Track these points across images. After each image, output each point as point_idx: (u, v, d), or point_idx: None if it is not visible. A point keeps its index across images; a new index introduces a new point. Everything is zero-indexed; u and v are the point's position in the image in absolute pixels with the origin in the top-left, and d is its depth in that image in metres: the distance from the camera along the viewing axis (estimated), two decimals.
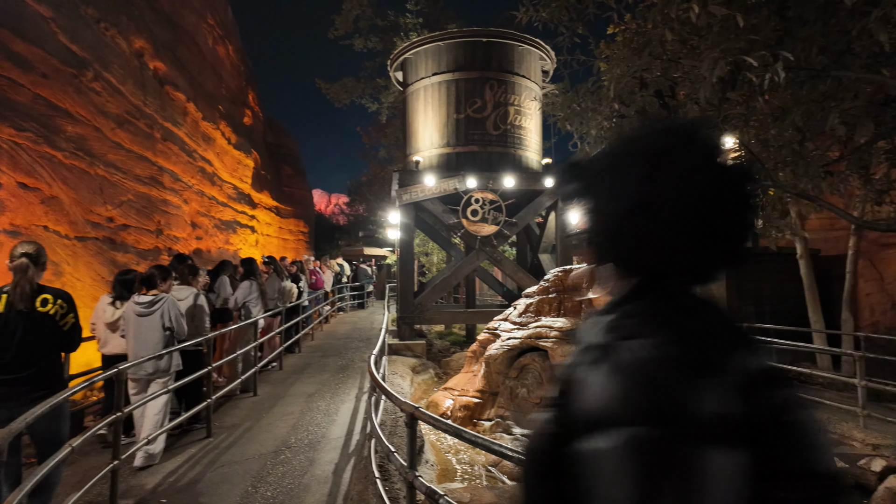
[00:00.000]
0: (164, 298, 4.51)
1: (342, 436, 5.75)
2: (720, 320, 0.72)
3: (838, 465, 4.15)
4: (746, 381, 0.64)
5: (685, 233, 0.71)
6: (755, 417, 0.63)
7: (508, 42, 11.28)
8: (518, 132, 11.27)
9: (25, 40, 6.22)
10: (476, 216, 10.54)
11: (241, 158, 15.90)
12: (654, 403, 0.61)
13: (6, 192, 5.85)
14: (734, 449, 0.60)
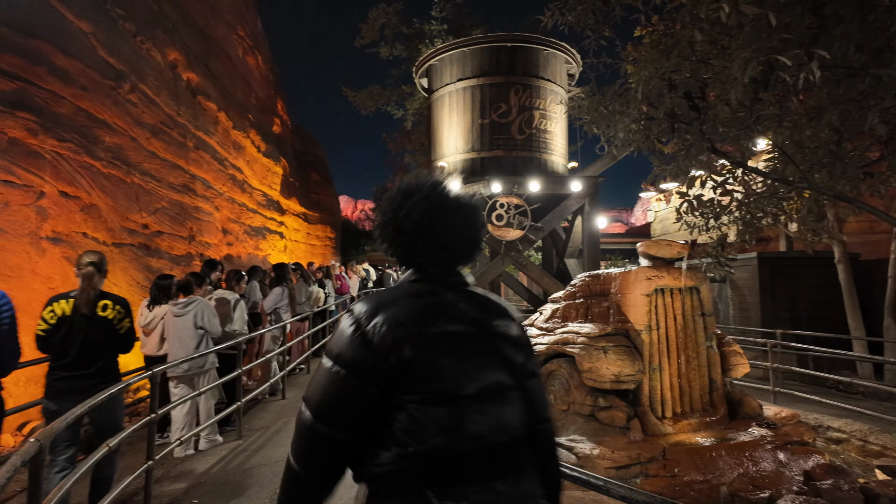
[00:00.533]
0: (198, 301, 4.85)
1: None
2: (431, 301, 1.18)
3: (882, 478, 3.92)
4: (398, 341, 1.09)
5: (417, 240, 1.20)
6: (391, 363, 1.08)
7: (533, 46, 11.26)
8: (543, 136, 11.22)
9: (67, 55, 6.48)
10: (501, 221, 10.51)
11: (270, 166, 16.22)
12: (336, 351, 1.13)
13: (49, 200, 6.09)
14: (369, 383, 1.09)
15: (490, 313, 1.24)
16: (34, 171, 5.91)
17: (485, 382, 1.15)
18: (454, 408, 1.10)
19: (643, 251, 5.74)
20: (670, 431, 5.19)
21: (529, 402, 1.24)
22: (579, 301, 6.32)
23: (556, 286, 10.81)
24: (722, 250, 3.90)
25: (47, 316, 3.23)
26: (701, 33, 2.47)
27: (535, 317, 7.37)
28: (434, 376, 1.10)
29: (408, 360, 1.09)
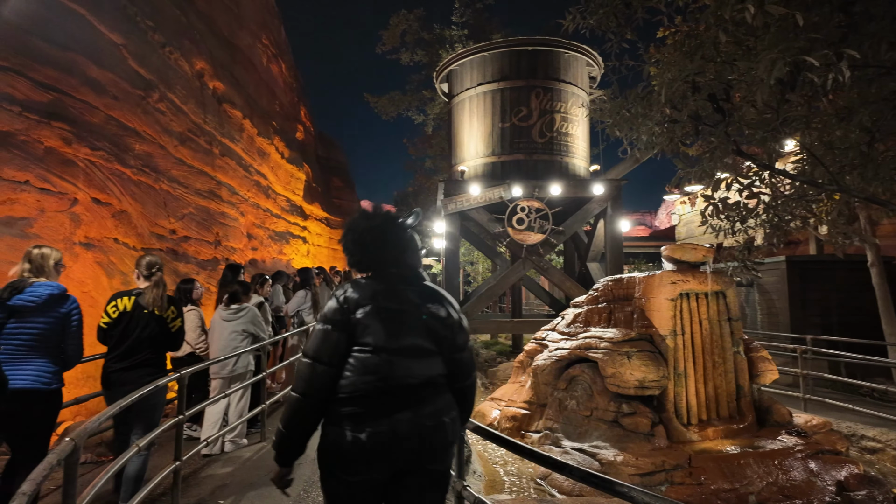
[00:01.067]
0: (248, 308, 5.23)
1: None
2: (381, 288, 1.88)
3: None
4: (355, 307, 1.82)
5: (361, 251, 1.93)
6: (352, 320, 1.81)
7: (554, 49, 11.21)
8: (565, 139, 11.14)
9: (100, 66, 6.70)
10: (522, 225, 10.46)
11: (293, 172, 16.47)
12: (324, 314, 1.86)
13: (82, 206, 6.29)
14: (340, 332, 1.80)
15: (427, 300, 1.92)
16: (68, 179, 6.11)
17: (404, 343, 1.83)
18: (378, 356, 1.80)
19: (667, 255, 5.66)
20: (696, 438, 5.09)
21: (455, 368, 1.94)
22: (602, 305, 6.26)
23: (579, 290, 10.70)
24: (749, 254, 3.82)
25: (110, 310, 3.60)
26: (725, 34, 2.43)
27: (556, 321, 7.31)
28: (369, 333, 1.82)
29: (357, 320, 1.82)
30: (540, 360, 6.35)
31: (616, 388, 5.11)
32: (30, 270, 3.23)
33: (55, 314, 3.18)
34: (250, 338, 5.29)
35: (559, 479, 4.91)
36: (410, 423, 1.76)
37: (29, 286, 3.14)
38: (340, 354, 1.81)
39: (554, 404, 5.83)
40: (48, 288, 3.17)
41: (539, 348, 7.10)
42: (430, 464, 1.84)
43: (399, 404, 1.78)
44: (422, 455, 1.81)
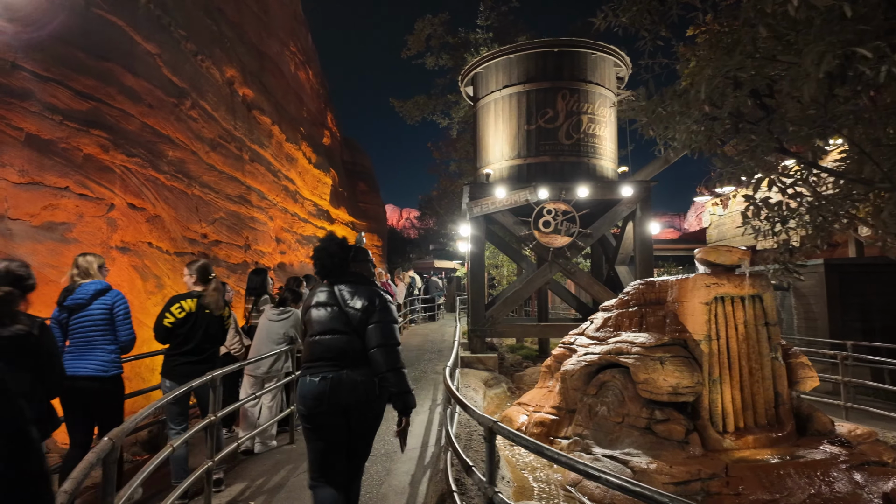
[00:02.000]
0: (293, 312, 5.47)
1: (417, 447, 5.78)
2: (327, 291, 2.85)
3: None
4: (313, 304, 2.86)
5: (317, 265, 2.91)
6: (305, 314, 2.91)
7: (581, 50, 11.09)
8: (592, 141, 11.00)
9: (136, 75, 6.90)
10: (548, 227, 10.36)
11: (320, 177, 16.67)
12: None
13: (118, 212, 6.46)
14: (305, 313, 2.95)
15: (351, 296, 2.80)
16: (105, 185, 6.29)
17: (326, 328, 2.77)
18: (311, 339, 2.79)
19: (701, 258, 5.51)
20: (732, 447, 4.93)
21: (365, 339, 2.75)
22: (633, 310, 6.13)
23: (607, 294, 10.53)
24: (790, 256, 3.68)
25: (175, 311, 3.96)
26: (766, 29, 2.34)
27: (585, 325, 7.20)
28: (308, 324, 2.86)
29: (305, 316, 2.90)
30: (569, 364, 6.25)
31: (648, 395, 4.98)
32: (78, 275, 3.74)
33: (102, 305, 3.68)
34: (288, 340, 5.45)
35: (590, 486, 4.81)
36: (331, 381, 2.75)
37: (78, 286, 3.65)
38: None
39: (584, 410, 5.72)
40: (92, 285, 3.68)
41: (567, 353, 6.99)
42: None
43: (324, 366, 2.74)
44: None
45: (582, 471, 2.28)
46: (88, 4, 6.21)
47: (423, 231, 39.37)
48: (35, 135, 5.45)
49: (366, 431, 2.85)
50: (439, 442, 5.92)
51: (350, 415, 2.71)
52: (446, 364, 11.30)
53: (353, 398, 2.68)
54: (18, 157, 5.26)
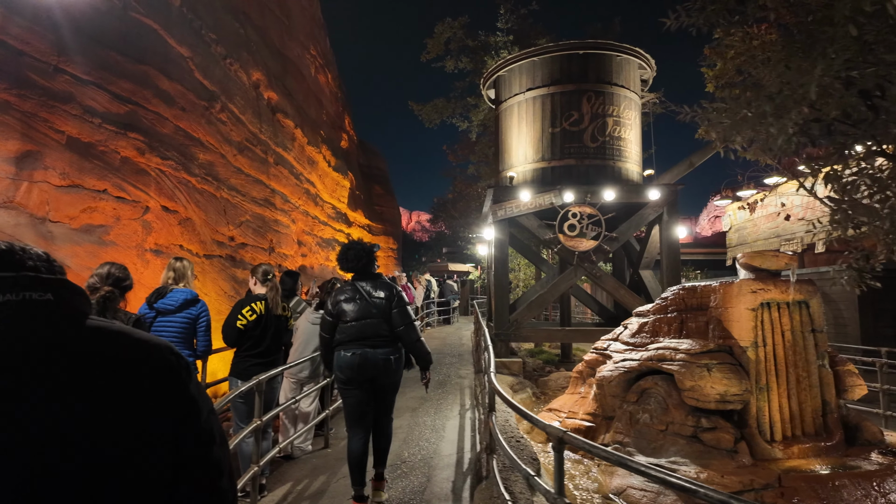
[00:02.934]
0: None
1: (453, 453, 5.72)
2: (352, 286, 3.83)
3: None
4: (342, 299, 3.83)
5: (342, 264, 3.88)
6: (336, 309, 3.78)
7: (606, 52, 11.01)
8: (617, 143, 10.90)
9: (170, 78, 6.93)
10: (573, 231, 10.27)
11: (339, 180, 16.70)
12: (326, 308, 3.91)
13: (153, 214, 6.48)
14: (334, 324, 3.81)
15: (374, 289, 3.75)
16: (141, 188, 6.31)
17: (358, 314, 3.68)
18: (346, 325, 3.70)
19: (745, 262, 5.40)
20: (781, 456, 4.81)
21: (390, 323, 3.71)
22: (672, 315, 6.02)
23: (633, 299, 10.41)
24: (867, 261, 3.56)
25: (247, 314, 4.14)
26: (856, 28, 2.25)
27: (618, 331, 7.09)
28: (341, 313, 3.74)
29: (336, 307, 3.77)
30: (606, 371, 6.15)
31: (695, 402, 4.88)
32: (173, 279, 4.02)
33: (188, 315, 3.96)
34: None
35: (635, 494, 4.72)
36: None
37: (170, 292, 3.92)
38: (335, 329, 3.85)
39: (624, 417, 5.62)
40: (183, 293, 3.97)
41: (601, 358, 6.89)
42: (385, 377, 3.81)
43: (359, 346, 3.69)
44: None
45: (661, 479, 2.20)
46: (125, 7, 6.25)
47: (436, 234, 39.38)
48: (76, 138, 5.48)
49: (387, 393, 3.90)
50: (474, 448, 5.88)
51: (374, 381, 3.75)
52: (469, 368, 11.27)
53: (376, 370, 3.71)
54: (60, 159, 5.28)
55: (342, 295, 3.80)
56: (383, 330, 3.70)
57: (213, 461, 0.95)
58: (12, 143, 4.84)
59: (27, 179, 4.98)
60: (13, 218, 4.87)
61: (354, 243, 3.95)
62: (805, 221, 6.52)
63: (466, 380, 9.77)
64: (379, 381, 3.74)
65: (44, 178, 5.12)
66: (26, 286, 0.82)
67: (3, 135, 4.76)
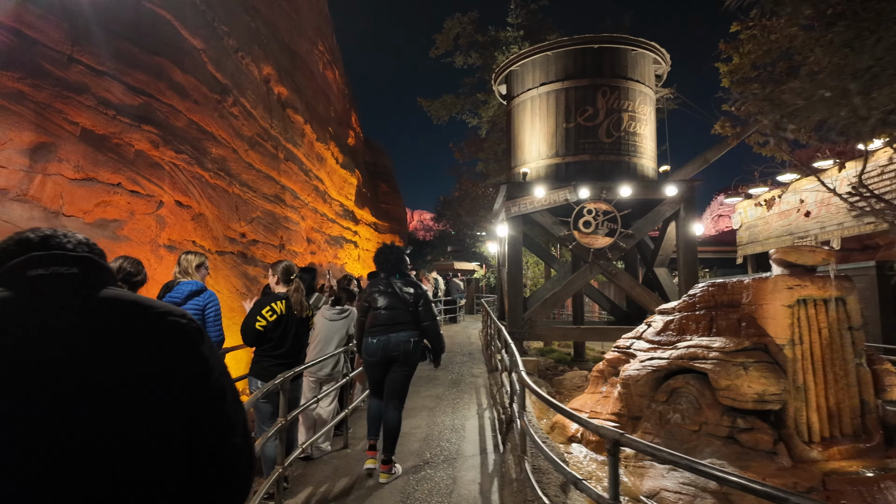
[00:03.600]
0: (350, 310, 5.40)
1: (476, 453, 5.58)
2: (386, 281, 4.47)
3: None
4: (376, 291, 4.46)
5: (378, 263, 4.58)
6: (370, 298, 4.49)
7: (621, 47, 10.84)
8: (632, 139, 10.73)
9: (184, 71, 6.78)
10: (588, 228, 10.10)
11: (346, 177, 16.55)
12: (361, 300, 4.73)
13: (166, 209, 6.33)
14: (367, 309, 4.49)
15: (404, 286, 4.39)
16: (155, 182, 6.16)
17: (388, 305, 4.32)
18: (376, 312, 4.32)
19: (780, 258, 5.23)
20: (820, 458, 4.65)
21: (416, 315, 4.37)
22: (700, 312, 5.86)
23: (649, 296, 10.24)
24: None
25: (267, 314, 3.98)
26: None
27: (641, 329, 6.93)
28: (373, 302, 4.37)
29: (369, 298, 4.42)
30: (631, 370, 5.99)
31: (731, 402, 4.72)
32: (179, 272, 3.98)
33: (195, 306, 3.87)
34: (347, 339, 5.35)
35: (669, 497, 4.56)
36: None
37: (177, 285, 3.87)
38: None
39: (653, 417, 5.46)
40: (189, 285, 3.90)
41: (623, 357, 6.73)
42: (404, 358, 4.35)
43: (385, 330, 4.29)
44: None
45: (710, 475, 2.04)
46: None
47: (438, 233, 39.23)
48: (90, 130, 5.33)
49: (404, 373, 4.43)
50: (497, 448, 5.75)
51: (394, 361, 4.35)
52: (481, 367, 11.11)
53: (396, 352, 4.32)
54: (74, 152, 5.13)
55: (376, 287, 4.45)
56: (407, 318, 4.38)
57: (225, 417, 1.00)
58: (26, 135, 4.70)
59: (41, 172, 4.83)
60: (27, 211, 4.73)
61: (389, 246, 4.66)
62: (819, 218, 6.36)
63: (480, 378, 9.62)
64: (397, 360, 4.36)
65: (58, 170, 4.98)
66: (55, 261, 0.92)
67: (18, 126, 4.62)
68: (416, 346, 4.39)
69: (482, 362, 11.94)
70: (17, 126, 4.61)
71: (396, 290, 4.37)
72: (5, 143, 4.54)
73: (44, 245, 0.97)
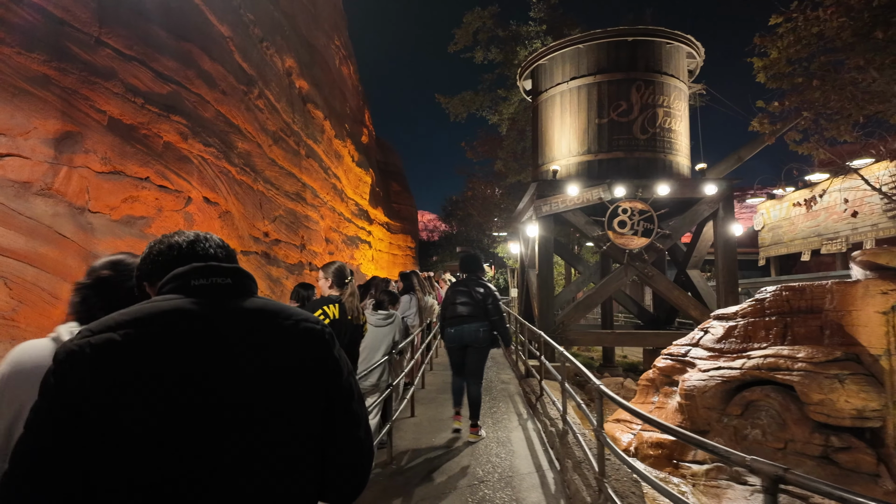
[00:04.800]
0: (396, 315, 5.13)
1: (532, 471, 5.18)
2: (465, 282, 5.47)
3: None
4: (457, 290, 5.57)
5: (461, 267, 5.81)
6: (451, 295, 5.63)
7: (656, 39, 10.42)
8: (668, 135, 10.31)
9: (212, 58, 6.38)
10: (624, 228, 9.67)
11: (361, 175, 16.14)
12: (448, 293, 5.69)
13: (195, 206, 5.93)
14: (448, 305, 5.49)
15: (477, 286, 5.22)
16: (184, 176, 5.76)
17: (461, 301, 5.23)
18: (454, 306, 5.24)
19: (867, 260, 4.81)
20: None
21: (486, 312, 5.15)
22: (772, 318, 5.43)
23: (688, 300, 9.82)
24: None
25: (319, 317, 3.41)
26: None
27: (696, 335, 6.50)
28: (452, 299, 5.34)
29: (450, 293, 5.47)
30: (695, 380, 5.57)
31: (824, 418, 4.29)
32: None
33: None
34: (394, 345, 5.00)
35: None
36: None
37: None
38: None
39: (726, 433, 5.04)
40: None
41: (678, 365, 6.32)
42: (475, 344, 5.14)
43: (458, 322, 5.16)
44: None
45: None
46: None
47: (444, 234, 38.88)
48: (117, 119, 4.92)
49: (478, 358, 5.22)
50: (553, 465, 5.36)
51: (469, 347, 5.16)
52: (508, 373, 10.67)
53: (469, 338, 5.12)
54: (101, 142, 4.72)
55: (457, 287, 5.40)
56: (477, 313, 5.16)
57: (353, 413, 1.11)
58: (52, 123, 4.28)
59: (67, 164, 4.42)
60: (51, 207, 4.32)
61: (470, 253, 6.00)
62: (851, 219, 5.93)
63: (511, 385, 9.21)
64: (471, 346, 5.19)
65: (84, 162, 4.56)
66: (212, 273, 1.03)
67: (43, 112, 4.21)
68: (486, 334, 5.18)
69: (508, 367, 11.52)
70: (41, 113, 4.20)
71: (471, 289, 5.21)
72: (29, 132, 4.12)
73: (191, 250, 1.12)
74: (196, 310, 0.96)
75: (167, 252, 1.09)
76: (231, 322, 0.98)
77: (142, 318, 0.92)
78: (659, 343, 10.27)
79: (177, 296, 0.98)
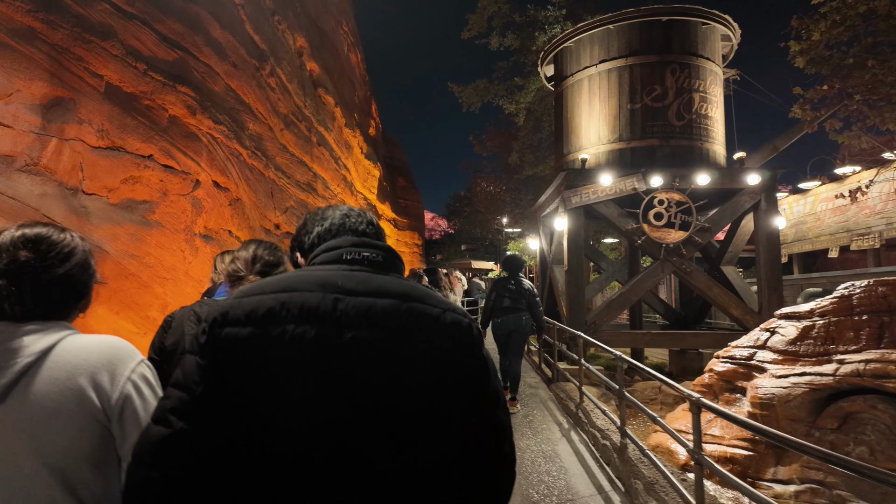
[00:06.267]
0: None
1: (594, 492, 4.57)
2: (509, 279, 6.62)
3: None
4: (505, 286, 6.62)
5: (505, 267, 6.95)
6: (500, 291, 6.75)
7: (692, 19, 9.74)
8: (704, 122, 9.65)
9: (222, 26, 5.71)
10: (660, 220, 9.00)
11: (369, 168, 15.47)
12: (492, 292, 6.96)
13: (203, 190, 5.25)
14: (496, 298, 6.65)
15: (520, 284, 6.40)
16: (192, 156, 5.07)
17: (510, 296, 6.37)
18: (502, 300, 6.40)
19: None
20: None
21: (529, 305, 6.37)
22: (862, 318, 4.77)
23: (729, 298, 9.18)
24: None
25: None
26: None
27: (761, 336, 5.83)
28: (501, 293, 6.51)
29: (498, 291, 6.56)
30: (772, 387, 4.91)
31: None
32: (216, 275, 3.21)
33: None
34: None
35: None
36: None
37: (218, 288, 3.08)
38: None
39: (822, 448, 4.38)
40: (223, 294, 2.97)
41: (742, 370, 5.65)
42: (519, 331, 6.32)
43: (507, 313, 6.33)
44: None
45: None
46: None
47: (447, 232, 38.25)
48: (116, 86, 4.23)
49: (520, 340, 6.39)
50: (616, 486, 4.75)
51: (513, 332, 6.28)
52: (532, 375, 9.98)
53: (515, 325, 6.26)
54: (97, 112, 4.03)
55: (504, 283, 6.45)
56: (520, 305, 6.25)
57: (499, 423, 1.00)
58: (38, 86, 3.59)
59: (57, 135, 3.73)
60: (38, 186, 3.63)
61: (514, 256, 6.98)
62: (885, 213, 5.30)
63: (540, 390, 8.56)
64: (514, 333, 6.28)
65: (77, 134, 3.87)
66: (364, 247, 1.04)
67: (28, 73, 3.52)
68: (527, 322, 6.34)
69: (531, 370, 10.87)
70: (26, 73, 3.51)
71: (516, 287, 6.31)
72: (11, 95, 3.44)
73: (343, 224, 1.17)
74: (345, 282, 0.95)
75: (321, 224, 1.15)
76: (377, 298, 0.94)
77: (294, 286, 0.93)
78: (697, 344, 9.61)
79: (329, 266, 1.00)
